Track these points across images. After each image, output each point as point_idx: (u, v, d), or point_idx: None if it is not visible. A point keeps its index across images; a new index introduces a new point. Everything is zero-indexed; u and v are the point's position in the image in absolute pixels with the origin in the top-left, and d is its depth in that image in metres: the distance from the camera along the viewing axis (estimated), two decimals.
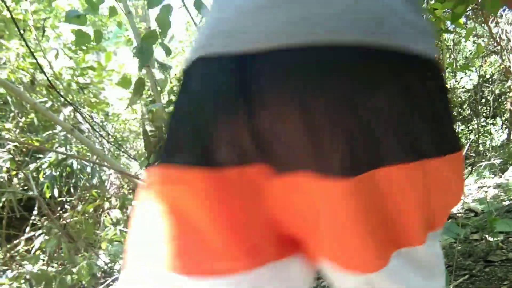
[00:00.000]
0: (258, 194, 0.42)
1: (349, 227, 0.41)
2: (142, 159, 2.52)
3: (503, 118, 7.26)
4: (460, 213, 3.44)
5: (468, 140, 6.91)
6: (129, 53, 7.19)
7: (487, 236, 2.52)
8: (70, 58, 4.93)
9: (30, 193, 3.11)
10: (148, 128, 6.03)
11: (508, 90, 6.55)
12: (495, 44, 6.38)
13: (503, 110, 7.03)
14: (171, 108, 1.85)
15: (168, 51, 1.83)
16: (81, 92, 4.85)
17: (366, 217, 0.41)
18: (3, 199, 3.59)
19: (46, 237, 3.46)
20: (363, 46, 0.37)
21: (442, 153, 0.45)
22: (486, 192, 4.09)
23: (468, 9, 5.68)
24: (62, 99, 4.45)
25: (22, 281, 2.91)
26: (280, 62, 0.38)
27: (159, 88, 2.03)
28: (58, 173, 4.45)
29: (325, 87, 0.37)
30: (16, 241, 3.82)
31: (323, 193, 0.40)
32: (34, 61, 4.50)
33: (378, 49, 0.38)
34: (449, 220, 3.20)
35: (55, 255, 3.30)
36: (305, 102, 0.37)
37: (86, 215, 3.79)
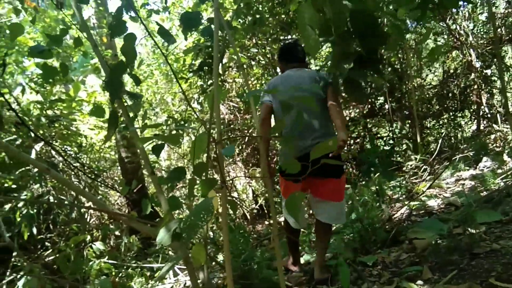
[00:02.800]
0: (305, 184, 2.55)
1: (332, 192, 2.56)
2: (122, 187, 2.47)
3: (471, 110, 7.50)
4: (441, 208, 3.51)
5: (440, 135, 7.10)
6: (98, 81, 7.10)
7: (469, 228, 2.58)
8: (37, 92, 4.82)
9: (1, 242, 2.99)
10: (123, 154, 5.95)
11: (473, 82, 6.78)
12: (455, 40, 6.62)
13: (470, 103, 7.26)
14: (145, 132, 1.83)
15: (137, 81, 1.82)
16: (51, 126, 4.74)
17: (338, 190, 2.59)
18: None
19: (29, 278, 3.34)
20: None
21: (339, 176, 2.57)
22: (464, 184, 4.20)
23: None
24: (33, 135, 4.34)
25: None
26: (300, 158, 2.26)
27: (131, 115, 2.01)
28: (35, 210, 4.32)
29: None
30: None
31: (325, 182, 2.53)
32: (0, 99, 4.40)
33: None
34: (432, 217, 3.26)
35: None
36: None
37: (69, 250, 3.67)
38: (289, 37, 5.99)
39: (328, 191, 2.58)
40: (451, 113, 7.36)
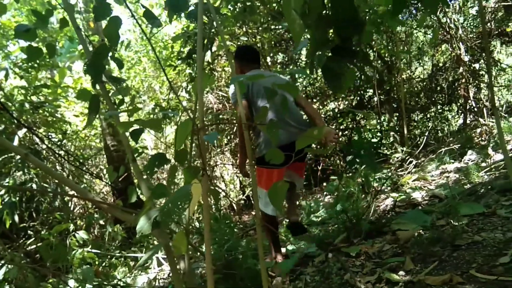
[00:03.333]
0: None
1: (302, 170, 3.10)
2: (109, 174, 2.43)
3: (458, 104, 7.56)
4: (425, 200, 3.54)
5: (427, 128, 7.15)
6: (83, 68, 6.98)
7: (452, 221, 2.60)
8: (21, 77, 4.71)
9: None
10: (109, 143, 5.88)
11: (461, 76, 6.83)
12: (445, 33, 6.63)
13: (458, 96, 7.32)
14: (132, 118, 1.79)
15: (120, 65, 1.77)
16: (35, 112, 4.65)
17: (304, 169, 3.16)
18: None
19: (10, 267, 3.29)
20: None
21: (303, 161, 3.06)
22: (448, 177, 4.23)
23: (415, 1, 5.87)
24: (16, 121, 4.25)
25: None
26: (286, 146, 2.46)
27: (115, 101, 1.96)
28: (17, 198, 4.25)
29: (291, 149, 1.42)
30: None
31: (299, 165, 2.96)
32: None
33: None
34: (415, 209, 3.28)
35: (20, 284, 3.13)
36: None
37: (52, 239, 3.62)
38: (280, 26, 5.94)
39: (301, 170, 3.11)
40: (438, 107, 7.41)
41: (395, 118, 7.18)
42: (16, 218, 4.18)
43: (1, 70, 4.73)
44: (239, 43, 6.11)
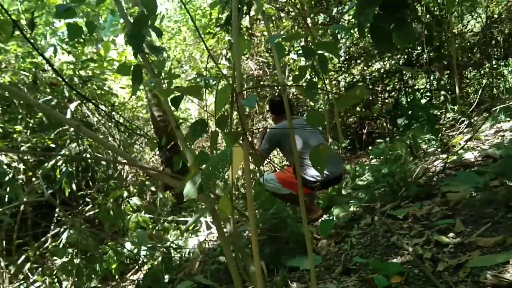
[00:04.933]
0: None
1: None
2: (151, 144, 2.52)
3: None
4: (478, 161, 3.38)
5: (481, 85, 6.73)
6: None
7: (507, 181, 2.47)
8: (69, 53, 4.89)
9: (41, 198, 3.16)
10: (156, 113, 6.04)
11: None
12: None
13: None
14: (173, 85, 1.82)
15: (159, 34, 1.79)
16: (84, 86, 4.84)
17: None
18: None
19: (71, 232, 3.55)
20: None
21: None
22: (503, 136, 4.00)
23: None
24: (67, 95, 4.45)
25: (53, 276, 3.00)
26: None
27: (156, 71, 2.00)
28: (74, 168, 4.51)
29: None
30: (43, 239, 3.92)
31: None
32: (34, 60, 4.50)
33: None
34: (467, 170, 3.15)
35: (81, 247, 3.38)
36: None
37: (108, 205, 3.85)
38: None
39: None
40: (493, 62, 6.92)
41: (446, 76, 6.80)
42: (74, 186, 4.46)
43: (49, 47, 4.93)
44: (277, 5, 5.96)
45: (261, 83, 6.24)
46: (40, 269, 3.35)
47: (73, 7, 2.07)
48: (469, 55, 7.09)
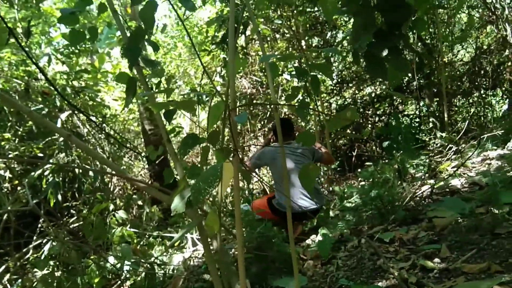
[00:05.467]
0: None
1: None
2: (150, 153, 2.52)
3: (503, 89, 7.19)
4: (464, 187, 3.42)
5: (469, 114, 6.86)
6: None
7: (492, 208, 2.50)
8: (63, 63, 4.89)
9: (26, 207, 3.12)
10: (147, 127, 6.03)
11: (506, 59, 6.47)
12: (490, 14, 6.29)
13: (503, 81, 6.95)
14: (168, 98, 1.82)
15: (155, 48, 1.81)
16: (76, 96, 4.82)
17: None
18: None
19: (54, 243, 3.48)
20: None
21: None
22: (490, 164, 4.06)
23: None
24: (59, 105, 4.43)
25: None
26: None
27: (151, 84, 2.01)
28: (60, 178, 4.46)
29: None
30: (25, 249, 3.84)
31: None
32: (28, 69, 4.49)
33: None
34: (454, 196, 3.18)
35: (63, 259, 3.31)
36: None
37: (93, 218, 3.79)
38: (315, 9, 5.83)
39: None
40: (482, 91, 7.07)
41: (435, 103, 6.93)
42: (60, 197, 4.39)
43: (44, 56, 4.93)
44: (273, 26, 6.06)
45: (254, 101, 6.28)
46: (19, 280, 3.27)
47: (78, 11, 2.07)
48: (458, 83, 7.25)
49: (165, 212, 4.92)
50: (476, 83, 7.08)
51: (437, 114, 6.65)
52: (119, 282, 3.26)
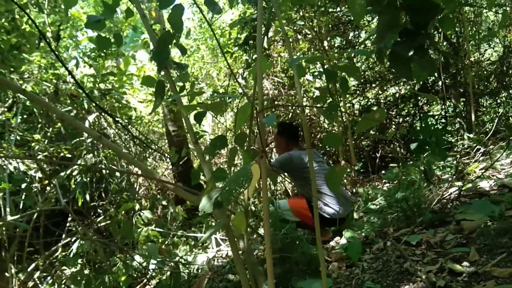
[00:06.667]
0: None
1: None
2: (172, 155, 2.57)
3: None
4: (493, 189, 3.34)
5: (497, 114, 6.68)
6: (147, 56, 7.28)
7: None
8: (90, 66, 5.02)
9: (57, 206, 3.21)
10: (170, 128, 6.12)
11: None
12: None
13: None
14: (193, 101, 1.86)
15: (183, 51, 1.84)
16: (103, 98, 4.94)
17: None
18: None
19: (82, 242, 3.58)
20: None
21: None
22: None
23: None
24: (86, 107, 4.55)
25: (63, 285, 3.02)
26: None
27: (178, 87, 2.05)
28: (88, 179, 4.57)
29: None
30: (54, 248, 3.95)
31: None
32: (56, 72, 4.63)
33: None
34: (482, 198, 3.11)
35: (91, 257, 3.40)
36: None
37: (120, 217, 3.88)
38: (338, 9, 5.80)
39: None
40: (510, 91, 6.88)
41: (462, 103, 6.78)
42: (88, 197, 4.51)
43: (72, 59, 5.07)
44: (295, 27, 6.05)
45: (276, 103, 6.29)
46: (49, 278, 3.37)
47: (104, 19, 2.14)
48: (486, 83, 7.07)
49: (189, 212, 4.99)
50: (504, 83, 6.89)
51: (463, 115, 6.51)
52: (145, 280, 3.32)
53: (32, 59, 4.73)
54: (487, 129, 5.89)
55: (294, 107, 5.87)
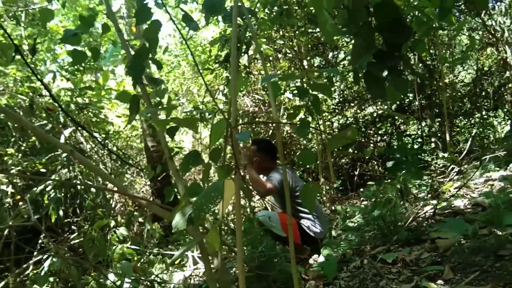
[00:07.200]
0: None
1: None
2: (148, 171, 2.54)
3: (505, 110, 7.22)
4: (467, 208, 3.40)
5: (471, 134, 6.87)
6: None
7: (496, 230, 2.49)
8: (68, 80, 4.95)
9: (28, 222, 3.10)
10: (149, 143, 6.05)
11: (507, 81, 6.52)
12: (490, 36, 6.36)
13: (504, 102, 6.98)
14: (169, 116, 1.84)
15: (159, 66, 1.84)
16: (80, 113, 4.86)
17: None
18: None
19: (54, 259, 3.46)
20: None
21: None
22: (492, 185, 4.05)
23: (460, 3, 5.67)
24: (62, 121, 4.47)
25: None
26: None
27: (155, 102, 2.03)
28: (62, 194, 4.45)
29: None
30: (25, 265, 3.81)
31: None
32: (32, 85, 4.54)
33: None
34: (457, 217, 3.16)
35: (63, 276, 3.28)
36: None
37: (94, 234, 3.77)
38: (317, 30, 5.90)
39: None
40: (483, 112, 7.10)
41: (437, 123, 6.94)
42: (61, 213, 4.38)
43: (49, 73, 4.99)
44: (275, 46, 6.13)
45: (256, 119, 6.31)
46: None
47: (80, 33, 2.12)
48: (460, 104, 7.29)
49: (166, 230, 4.90)
50: (478, 104, 7.12)
51: (439, 135, 6.66)
52: None
53: (7, 72, 4.64)
54: (462, 149, 6.03)
55: (271, 124, 5.90)
